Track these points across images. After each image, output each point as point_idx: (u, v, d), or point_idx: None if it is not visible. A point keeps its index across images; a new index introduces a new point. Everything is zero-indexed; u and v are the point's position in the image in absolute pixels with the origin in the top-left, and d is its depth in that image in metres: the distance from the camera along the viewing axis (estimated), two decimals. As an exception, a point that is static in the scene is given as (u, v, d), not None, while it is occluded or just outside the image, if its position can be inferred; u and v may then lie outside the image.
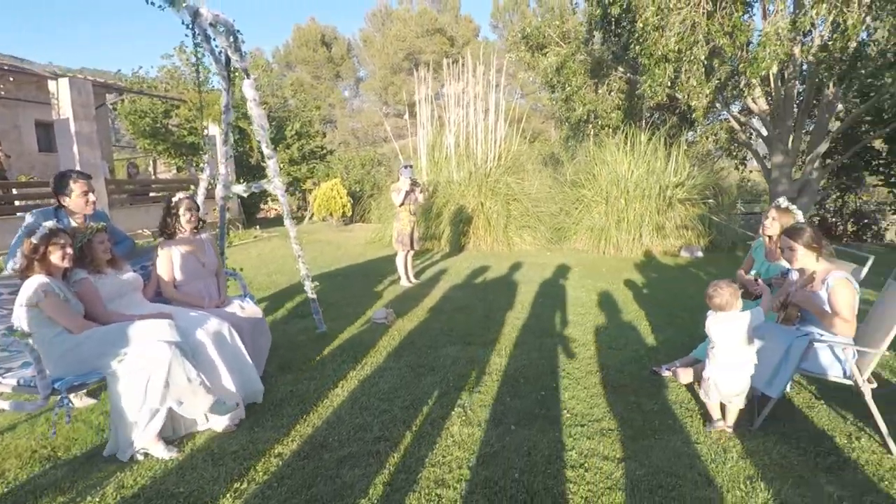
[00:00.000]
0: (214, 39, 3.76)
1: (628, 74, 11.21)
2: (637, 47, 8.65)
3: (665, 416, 2.95)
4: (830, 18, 7.92)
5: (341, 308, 5.54)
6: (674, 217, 9.62)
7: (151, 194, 13.21)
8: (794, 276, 3.01)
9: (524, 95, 29.08)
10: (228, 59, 4.03)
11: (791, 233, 2.87)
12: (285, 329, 4.80)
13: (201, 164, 4.42)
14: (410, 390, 3.36)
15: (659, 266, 8.25)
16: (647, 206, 9.51)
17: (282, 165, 15.29)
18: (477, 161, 10.30)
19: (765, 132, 11.19)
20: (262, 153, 4.36)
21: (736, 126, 11.85)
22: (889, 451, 2.53)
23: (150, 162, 17.85)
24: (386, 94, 31.96)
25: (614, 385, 3.39)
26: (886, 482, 2.32)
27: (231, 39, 3.76)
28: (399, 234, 6.53)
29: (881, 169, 12.64)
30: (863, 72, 8.60)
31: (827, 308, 2.72)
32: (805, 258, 2.83)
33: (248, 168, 14.06)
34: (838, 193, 14.40)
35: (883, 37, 8.43)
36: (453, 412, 3.03)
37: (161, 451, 2.57)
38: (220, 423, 2.81)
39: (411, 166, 6.52)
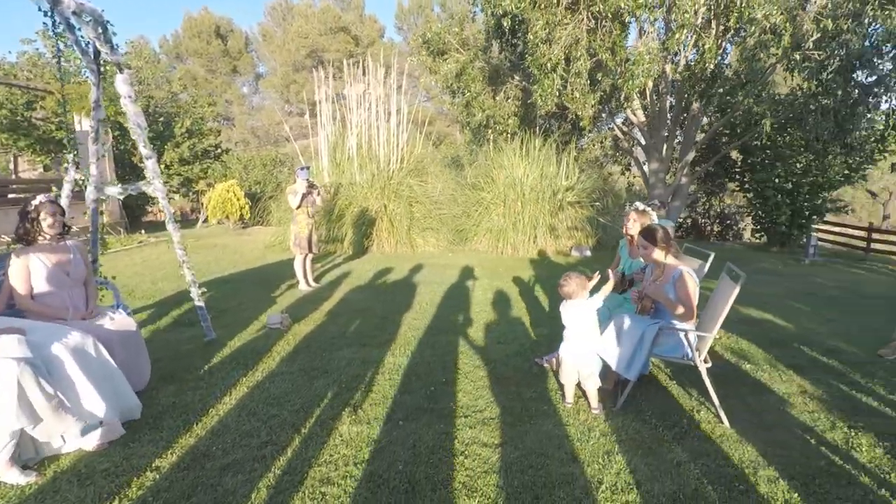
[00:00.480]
0: (80, 29, 3.49)
1: (524, 83, 11.80)
2: (529, 58, 9.17)
3: (541, 402, 3.21)
4: (692, 42, 8.93)
5: (234, 314, 5.35)
6: (565, 219, 10.31)
7: (11, 196, 11.75)
8: (649, 270, 3.41)
9: (429, 99, 29.46)
10: (98, 52, 3.76)
11: (645, 233, 3.25)
12: (170, 339, 4.55)
13: (65, 165, 4.07)
14: (302, 394, 3.36)
15: (551, 265, 8.80)
16: (541, 208, 10.10)
17: (172, 165, 14.30)
18: (380, 163, 10.34)
19: (643, 141, 12.30)
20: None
21: (619, 135, 12.92)
22: (721, 421, 2.95)
23: (11, 159, 15.87)
24: (288, 92, 30.92)
25: (499, 377, 3.62)
26: (717, 445, 2.71)
27: (99, 31, 3.52)
28: (297, 238, 6.42)
29: (737, 176, 14.37)
30: (720, 90, 9.75)
31: (672, 298, 3.10)
32: (657, 255, 3.21)
33: (131, 167, 12.98)
34: (706, 197, 16.19)
35: (735, 60, 9.64)
36: (344, 412, 3.08)
37: (15, 477, 2.36)
38: (90, 441, 2.63)
39: (308, 168, 6.43)
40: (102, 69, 4.04)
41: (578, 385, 3.17)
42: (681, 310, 3.04)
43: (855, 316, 5.81)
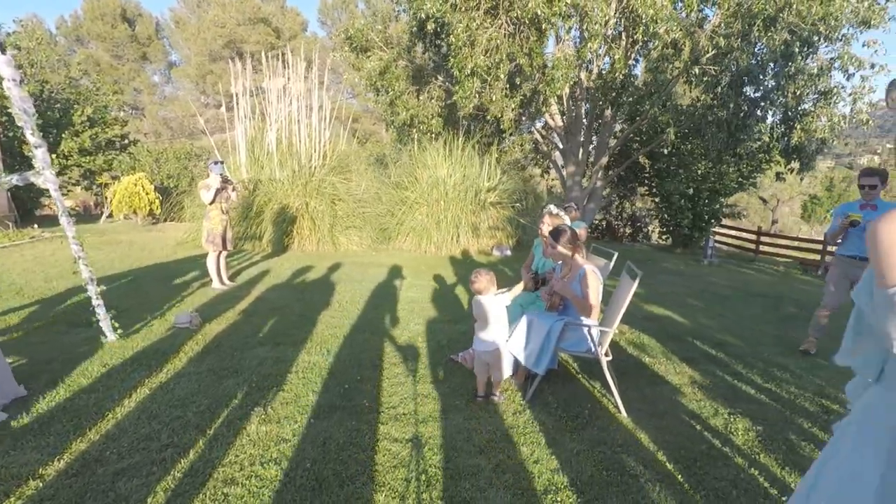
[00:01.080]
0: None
1: (447, 84, 11.98)
2: (451, 60, 9.33)
3: (454, 397, 3.30)
4: (604, 52, 9.48)
5: (139, 314, 5.03)
6: (487, 219, 10.57)
7: None
8: (558, 268, 3.60)
9: (355, 96, 29.06)
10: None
11: (553, 234, 3.43)
12: (64, 341, 4.21)
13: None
14: (209, 394, 3.24)
15: (472, 263, 9.00)
16: (464, 208, 10.30)
17: (71, 155, 13.13)
18: (300, 159, 10.09)
19: (561, 145, 12.88)
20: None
21: (539, 139, 13.43)
22: (619, 410, 3.18)
23: None
24: (204, 83, 29.33)
25: (414, 374, 3.68)
26: (614, 434, 2.91)
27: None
28: (209, 234, 6.14)
29: (646, 181, 15.40)
30: (629, 99, 10.44)
31: (578, 295, 3.30)
32: (564, 255, 3.40)
33: (21, 157, 11.79)
34: (618, 200, 17.21)
35: (643, 71, 10.36)
36: (253, 412, 3.00)
37: None
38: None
39: (222, 162, 6.17)
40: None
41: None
42: (585, 306, 3.23)
43: (741, 312, 6.43)
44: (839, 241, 4.50)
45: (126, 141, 15.18)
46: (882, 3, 8.87)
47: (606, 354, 3.33)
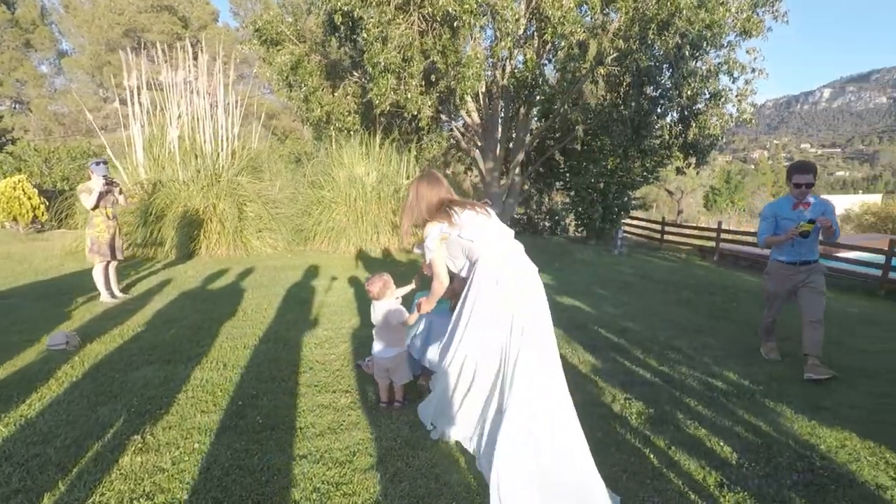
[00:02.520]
0: None
1: (363, 80, 11.74)
2: (365, 56, 9.12)
3: (356, 407, 3.18)
4: (516, 51, 9.66)
5: (4, 337, 4.47)
6: (407, 217, 10.45)
7: None
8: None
9: (273, 91, 27.87)
10: None
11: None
12: None
13: None
14: (78, 425, 2.90)
15: (393, 262, 8.88)
16: (383, 206, 10.13)
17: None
18: (206, 159, 9.49)
19: (480, 143, 13.02)
20: None
21: (458, 136, 13.51)
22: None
23: None
24: (101, 75, 26.99)
25: (317, 384, 3.51)
26: None
27: None
28: (94, 243, 5.59)
29: (561, 176, 15.97)
30: (542, 98, 10.72)
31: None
32: None
33: None
34: (538, 195, 17.72)
35: (554, 70, 10.67)
36: (128, 441, 2.72)
37: None
38: None
39: (105, 162, 5.62)
40: None
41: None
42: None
43: (643, 298, 6.79)
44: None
45: (3, 139, 13.55)
46: (760, 15, 9.75)
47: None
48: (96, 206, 5.53)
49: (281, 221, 9.90)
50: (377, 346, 3.11)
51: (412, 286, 3.37)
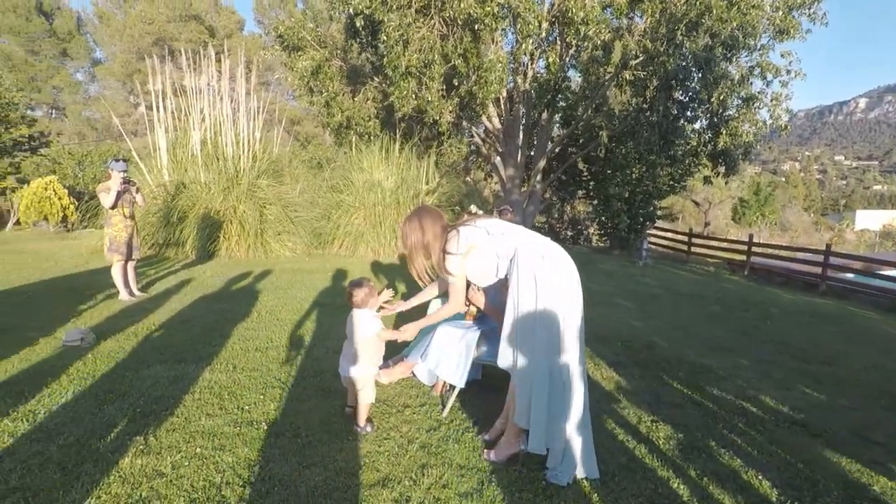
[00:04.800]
0: None
1: (384, 85, 11.73)
2: (385, 59, 9.09)
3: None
4: (538, 54, 9.51)
5: (23, 332, 4.47)
6: (426, 222, 10.34)
7: None
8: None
9: (296, 97, 28.23)
10: None
11: None
12: (-87, 365, 3.65)
13: None
14: (83, 424, 2.83)
15: (406, 271, 8.76)
16: (401, 211, 10.05)
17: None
18: (227, 162, 9.55)
19: (500, 148, 12.88)
20: None
21: (479, 141, 13.40)
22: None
23: None
24: (131, 82, 27.68)
25: (325, 390, 3.38)
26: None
27: None
28: (112, 242, 5.61)
29: (584, 184, 15.69)
30: (564, 104, 10.54)
31: (494, 303, 3.07)
32: None
33: None
34: (559, 203, 17.46)
35: (577, 74, 10.49)
36: (131, 443, 2.64)
37: None
38: None
39: (124, 160, 5.65)
40: None
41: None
42: (497, 313, 3.02)
43: (669, 312, 6.53)
44: None
45: (36, 142, 13.92)
46: (796, 16, 9.40)
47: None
48: (115, 206, 5.54)
49: (300, 225, 9.90)
50: (343, 360, 2.86)
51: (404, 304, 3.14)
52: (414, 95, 8.90)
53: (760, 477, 2.58)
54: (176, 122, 10.10)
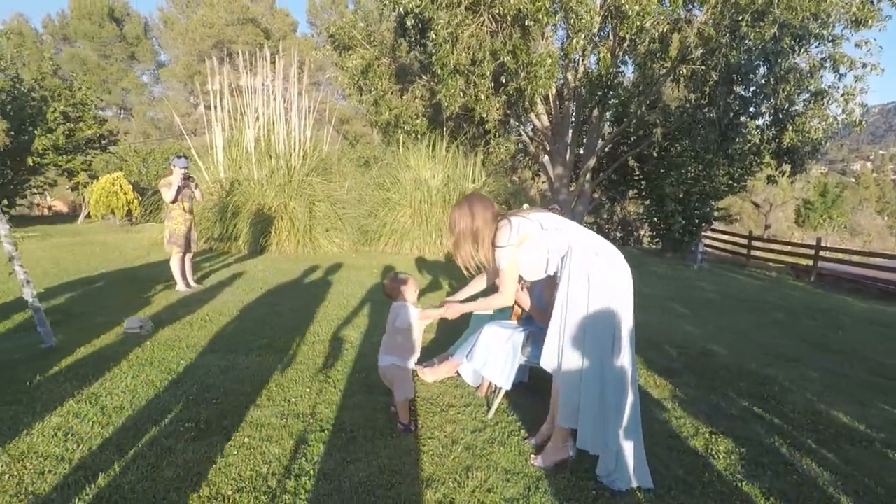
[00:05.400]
0: None
1: (432, 83, 11.74)
2: (434, 57, 9.08)
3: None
4: (590, 50, 9.25)
5: (90, 318, 4.72)
6: (472, 220, 10.27)
7: None
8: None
9: (346, 97, 28.76)
10: None
11: None
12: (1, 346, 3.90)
13: None
14: (141, 409, 2.94)
15: (454, 268, 8.71)
16: (447, 210, 10.01)
17: (46, 153, 12.71)
18: (279, 159, 9.81)
19: (549, 147, 12.64)
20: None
21: (527, 139, 13.20)
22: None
23: None
24: (192, 83, 28.96)
25: (370, 386, 3.37)
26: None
27: None
28: (172, 235, 5.84)
29: (635, 184, 15.17)
30: (616, 101, 10.20)
31: (540, 306, 2.97)
32: None
33: (30, 169, 11.44)
34: (609, 203, 16.97)
35: (631, 69, 10.15)
36: (183, 428, 2.71)
37: None
38: None
39: (185, 157, 5.88)
40: None
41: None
42: (540, 313, 2.92)
43: (727, 319, 6.18)
44: None
45: (105, 140, 14.79)
46: (875, 3, 8.68)
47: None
48: (175, 200, 5.77)
49: (347, 221, 10.05)
50: (382, 353, 2.85)
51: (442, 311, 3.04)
52: (462, 93, 8.83)
53: (834, 501, 2.37)
54: (232, 121, 10.46)
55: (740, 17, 7.76)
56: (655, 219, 14.14)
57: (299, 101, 10.25)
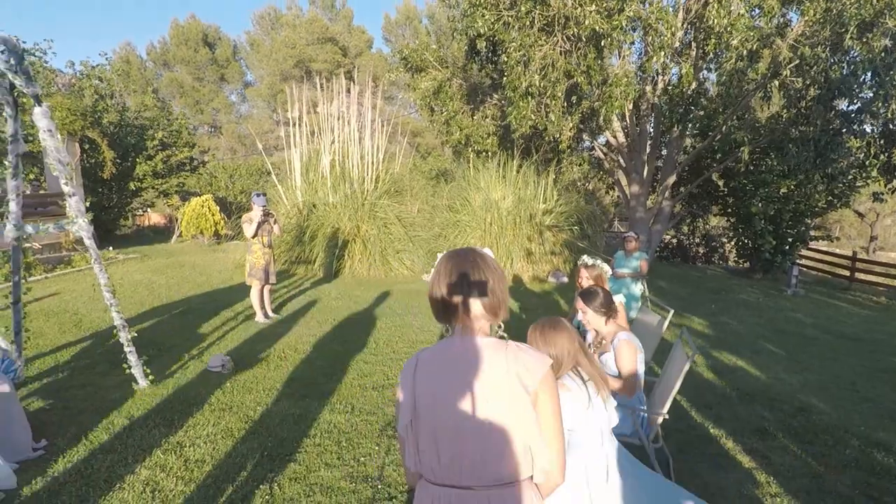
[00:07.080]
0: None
1: (502, 102, 11.63)
2: (505, 79, 8.97)
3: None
4: (670, 65, 8.77)
5: (178, 353, 5.04)
6: (543, 243, 10.07)
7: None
8: (590, 336, 3.08)
9: (419, 110, 29.29)
10: (13, 85, 3.47)
11: (584, 296, 2.93)
12: (98, 385, 4.22)
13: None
14: (219, 463, 3.06)
15: (526, 292, 8.55)
16: (518, 232, 9.86)
17: (145, 178, 13.88)
18: (353, 183, 10.09)
19: (624, 164, 12.13)
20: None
21: (601, 156, 12.74)
22: None
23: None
24: (275, 102, 30.62)
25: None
26: None
27: (11, 62, 3.26)
28: (252, 268, 6.13)
29: (720, 200, 14.18)
30: (701, 113, 9.58)
31: (610, 373, 2.79)
32: (595, 320, 2.91)
33: (100, 182, 12.61)
34: (691, 219, 15.97)
35: (715, 84, 9.51)
36: (258, 490, 2.78)
37: None
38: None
39: (264, 194, 6.15)
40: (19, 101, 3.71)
41: None
42: (617, 384, 2.74)
43: (830, 363, 5.59)
44: None
45: (195, 162, 15.96)
46: None
47: (655, 440, 2.84)
48: (255, 235, 6.05)
49: (417, 243, 10.14)
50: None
51: None
52: (533, 114, 8.65)
53: None
54: (309, 143, 10.89)
55: (844, 30, 7.01)
56: (743, 238, 13.14)
57: (373, 121, 10.49)
